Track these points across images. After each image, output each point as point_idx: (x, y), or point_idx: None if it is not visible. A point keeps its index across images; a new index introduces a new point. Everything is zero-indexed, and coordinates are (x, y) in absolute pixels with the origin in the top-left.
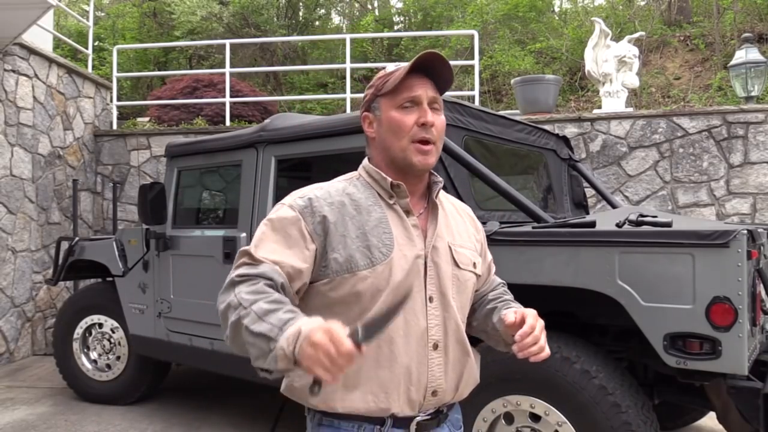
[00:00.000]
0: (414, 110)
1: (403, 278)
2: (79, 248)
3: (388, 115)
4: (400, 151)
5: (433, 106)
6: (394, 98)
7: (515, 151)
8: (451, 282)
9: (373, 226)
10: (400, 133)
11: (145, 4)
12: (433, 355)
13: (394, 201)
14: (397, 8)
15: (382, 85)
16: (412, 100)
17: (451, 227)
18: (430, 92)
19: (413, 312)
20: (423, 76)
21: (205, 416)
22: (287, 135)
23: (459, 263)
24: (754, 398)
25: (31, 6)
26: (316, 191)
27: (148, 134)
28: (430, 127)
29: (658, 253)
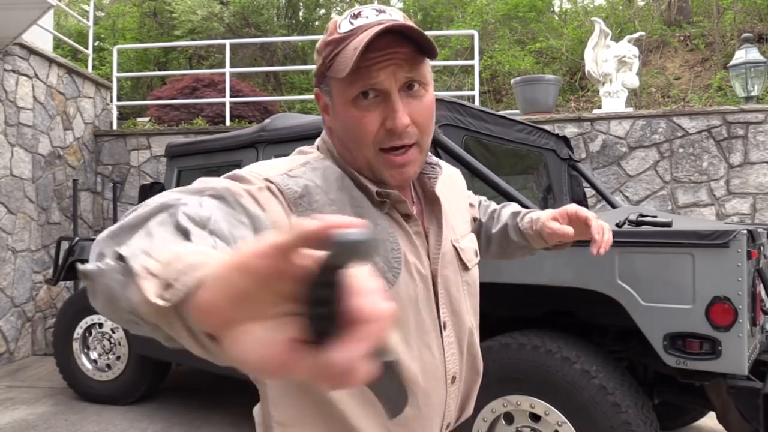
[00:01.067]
0: (378, 106)
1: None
2: (79, 248)
3: (343, 109)
4: (364, 161)
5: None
6: (348, 87)
7: (515, 151)
8: (462, 292)
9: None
10: (359, 140)
11: (145, 4)
12: (451, 389)
13: (387, 208)
14: (397, 8)
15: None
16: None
17: (449, 218)
18: (401, 73)
19: (427, 347)
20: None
21: (205, 416)
22: (287, 135)
23: (467, 264)
24: (754, 398)
25: (31, 6)
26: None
27: (148, 134)
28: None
29: (658, 253)
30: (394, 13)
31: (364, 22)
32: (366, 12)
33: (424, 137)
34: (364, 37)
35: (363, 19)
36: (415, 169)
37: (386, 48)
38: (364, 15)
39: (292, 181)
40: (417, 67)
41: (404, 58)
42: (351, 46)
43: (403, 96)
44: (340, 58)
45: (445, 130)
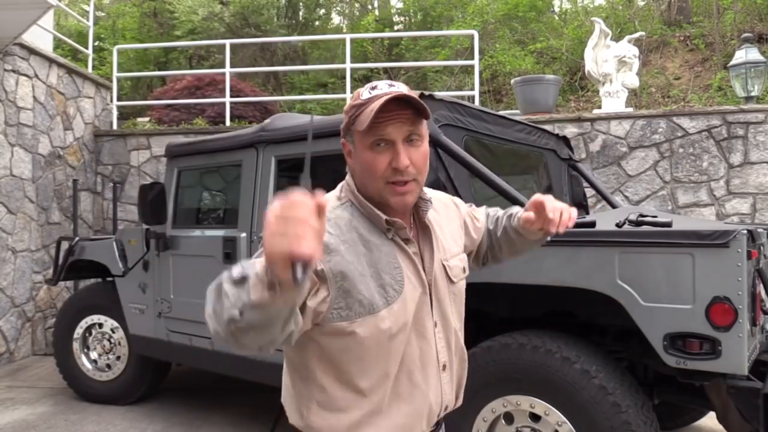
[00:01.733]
0: (387, 151)
1: (416, 313)
2: (79, 248)
3: (361, 154)
4: (376, 192)
5: (411, 139)
6: (366, 137)
7: (515, 151)
8: (449, 300)
9: (385, 262)
10: (373, 175)
11: (145, 4)
12: (443, 375)
13: (392, 234)
14: (397, 8)
15: (354, 118)
16: (384, 140)
17: (440, 241)
18: (404, 128)
19: (426, 340)
20: (397, 107)
21: (205, 416)
22: (287, 135)
23: (453, 278)
24: (754, 398)
25: (31, 6)
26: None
27: (148, 134)
28: (404, 169)
29: (658, 253)
30: (401, 87)
31: (379, 92)
32: (381, 85)
33: (419, 176)
34: (378, 102)
35: (378, 90)
36: (412, 198)
37: (394, 110)
38: (380, 87)
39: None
40: (416, 125)
41: (407, 118)
42: (369, 108)
43: (405, 145)
44: (362, 117)
45: (445, 130)
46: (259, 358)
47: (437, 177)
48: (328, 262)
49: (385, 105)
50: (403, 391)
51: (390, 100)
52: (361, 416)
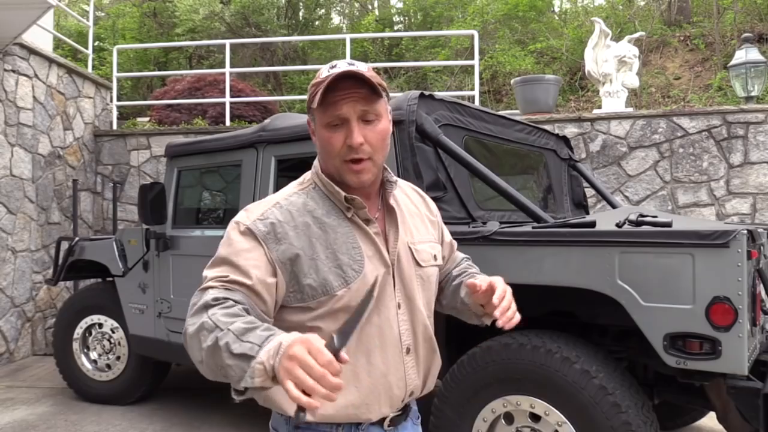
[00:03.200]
0: (342, 129)
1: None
2: (79, 248)
3: (319, 132)
4: (334, 169)
5: (366, 118)
6: (322, 116)
7: (515, 151)
8: (415, 283)
9: (341, 243)
10: (330, 152)
11: (145, 4)
12: (407, 359)
13: (351, 213)
14: (397, 8)
15: (312, 96)
16: (339, 118)
17: (407, 224)
18: (358, 106)
19: (387, 320)
20: (351, 86)
21: (205, 416)
22: (287, 135)
23: (420, 262)
24: (754, 398)
25: (31, 6)
26: (277, 214)
27: (148, 134)
28: (359, 147)
29: (658, 253)
30: (360, 66)
31: (336, 70)
32: (340, 64)
33: (375, 154)
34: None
35: (336, 69)
36: (368, 176)
37: (349, 89)
38: (338, 66)
39: (261, 223)
40: (371, 104)
41: (361, 96)
42: (323, 86)
43: (360, 123)
44: (318, 95)
45: (445, 130)
46: None
47: (437, 177)
48: (276, 251)
49: (339, 83)
50: (360, 370)
51: (341, 77)
52: None
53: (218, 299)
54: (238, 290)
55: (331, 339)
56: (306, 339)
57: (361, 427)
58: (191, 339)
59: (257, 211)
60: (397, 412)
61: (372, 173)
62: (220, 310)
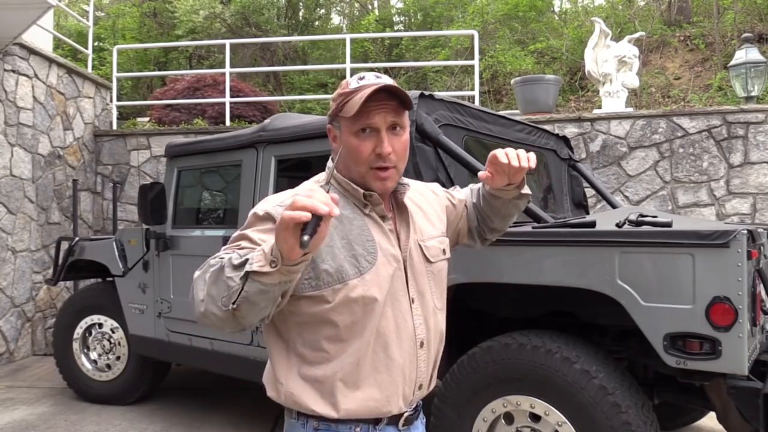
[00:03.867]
0: (372, 138)
1: (390, 283)
2: (79, 248)
3: (347, 139)
4: (359, 175)
5: (394, 129)
6: (353, 123)
7: None
8: (427, 278)
9: (356, 234)
10: (358, 159)
11: (145, 4)
12: (421, 353)
13: (369, 209)
14: (398, 8)
15: (342, 105)
16: (370, 127)
17: (417, 223)
18: (389, 117)
19: (402, 314)
20: (383, 98)
21: (205, 416)
22: (287, 135)
23: (430, 258)
24: (754, 398)
25: (31, 6)
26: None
27: (148, 134)
28: (387, 156)
29: (658, 253)
30: (386, 79)
31: (367, 82)
32: (368, 76)
33: (400, 163)
34: (367, 91)
35: (366, 81)
36: (392, 183)
37: (381, 100)
38: (367, 78)
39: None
40: (400, 115)
41: (392, 108)
42: (358, 96)
43: (388, 133)
44: (350, 104)
45: (445, 130)
46: (260, 358)
47: (437, 177)
48: None
49: (373, 94)
50: (379, 363)
51: (378, 90)
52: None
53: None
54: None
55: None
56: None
57: (378, 426)
58: (197, 282)
59: (276, 199)
60: (411, 410)
61: (395, 181)
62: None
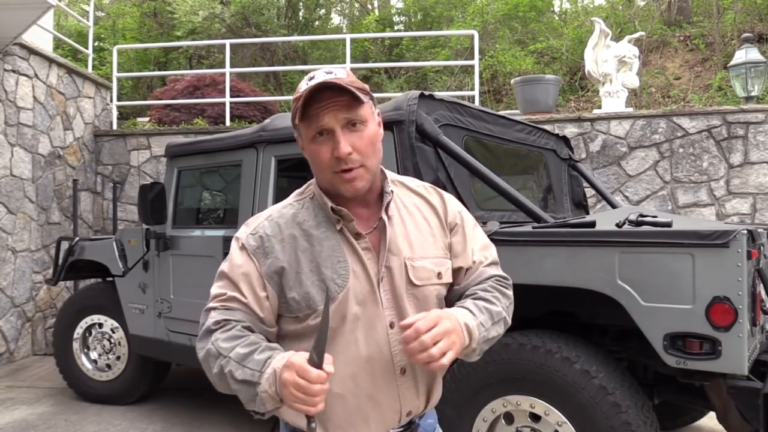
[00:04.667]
0: (328, 140)
1: (360, 308)
2: (79, 248)
3: (307, 146)
4: (326, 182)
5: (351, 125)
6: (306, 129)
7: (515, 151)
8: (407, 302)
9: (326, 256)
10: (320, 166)
11: (145, 4)
12: (402, 380)
13: (340, 226)
14: (398, 8)
15: (294, 111)
16: (324, 130)
17: (409, 236)
18: (340, 115)
19: (375, 342)
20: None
21: (205, 416)
22: (287, 135)
23: (415, 280)
24: (754, 398)
25: (31, 6)
26: (266, 227)
27: (148, 134)
28: (348, 156)
29: (658, 253)
30: (338, 72)
31: (313, 82)
32: (318, 74)
33: (367, 161)
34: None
35: (314, 81)
36: (363, 183)
37: (328, 99)
38: (316, 77)
39: (252, 237)
40: (354, 110)
41: (342, 104)
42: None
43: (346, 132)
44: (297, 110)
45: (445, 130)
46: None
47: (437, 177)
48: (264, 265)
49: (317, 94)
50: (346, 392)
51: (319, 88)
52: None
53: (219, 322)
54: (236, 309)
55: (310, 355)
56: (291, 362)
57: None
58: (203, 364)
59: (252, 225)
60: (398, 428)
61: (366, 180)
62: (221, 334)
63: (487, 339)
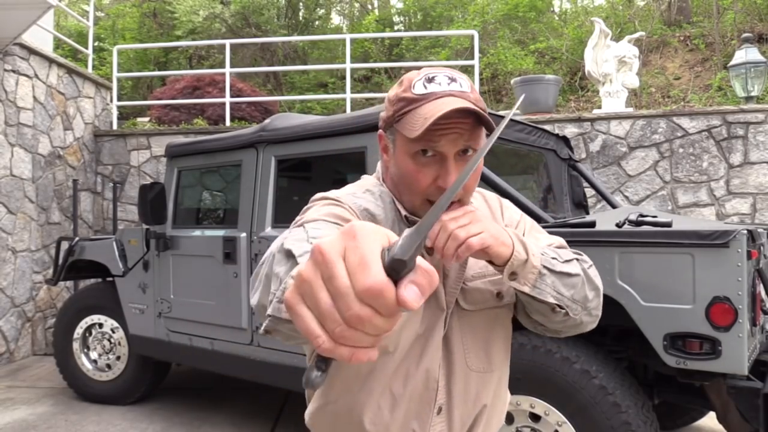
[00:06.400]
0: (434, 164)
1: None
2: (79, 248)
3: (401, 159)
4: (410, 204)
5: (465, 154)
6: (410, 142)
7: (515, 151)
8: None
9: None
10: (412, 188)
11: (145, 4)
12: (436, 420)
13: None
14: (398, 8)
15: (401, 115)
16: (434, 151)
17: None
18: (461, 141)
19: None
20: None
21: (205, 416)
22: (287, 135)
23: (464, 305)
24: (754, 398)
25: (31, 6)
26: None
27: (148, 134)
28: None
29: (658, 253)
30: (463, 83)
31: (437, 89)
32: (439, 78)
33: (466, 196)
34: (434, 109)
35: (436, 85)
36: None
37: (452, 118)
38: (437, 81)
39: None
40: (474, 136)
41: (465, 129)
42: (422, 111)
43: (457, 159)
44: (411, 119)
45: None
46: (260, 358)
47: None
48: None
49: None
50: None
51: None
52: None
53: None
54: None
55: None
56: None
57: None
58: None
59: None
60: None
61: None
62: None
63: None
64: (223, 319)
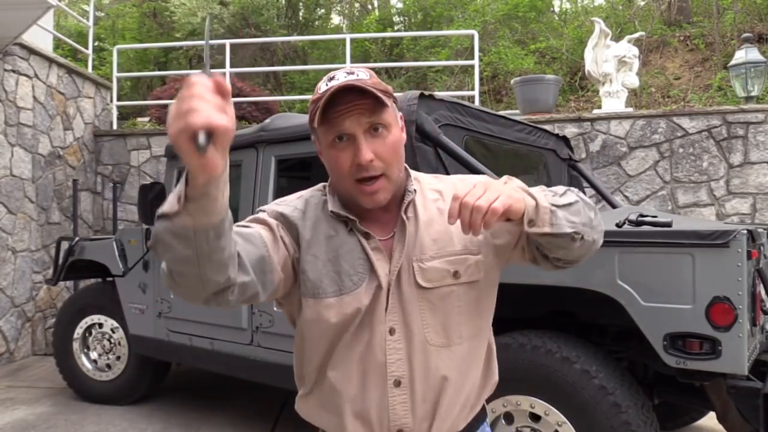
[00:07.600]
0: (349, 146)
1: (368, 311)
2: (79, 248)
3: (326, 152)
4: (345, 191)
5: (376, 131)
6: (326, 133)
7: (515, 151)
8: (417, 307)
9: (347, 250)
10: (339, 173)
11: (145, 5)
12: (395, 392)
13: (350, 226)
14: (398, 8)
15: (312, 114)
16: (345, 135)
17: (421, 236)
18: (364, 119)
19: (371, 347)
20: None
21: (204, 416)
22: (287, 135)
23: (423, 282)
24: (754, 398)
25: (31, 6)
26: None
27: (148, 134)
28: (368, 164)
29: (658, 253)
30: (360, 74)
31: (335, 83)
32: (338, 75)
33: (389, 168)
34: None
35: (335, 81)
36: (385, 195)
37: (350, 102)
38: (336, 78)
39: (279, 207)
40: (378, 114)
41: (365, 108)
42: (321, 103)
43: (368, 137)
44: (317, 113)
45: (445, 130)
46: (260, 358)
47: None
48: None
49: (338, 97)
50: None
51: (341, 90)
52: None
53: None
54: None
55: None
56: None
57: None
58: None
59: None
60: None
61: (388, 191)
62: None
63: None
64: (223, 319)
